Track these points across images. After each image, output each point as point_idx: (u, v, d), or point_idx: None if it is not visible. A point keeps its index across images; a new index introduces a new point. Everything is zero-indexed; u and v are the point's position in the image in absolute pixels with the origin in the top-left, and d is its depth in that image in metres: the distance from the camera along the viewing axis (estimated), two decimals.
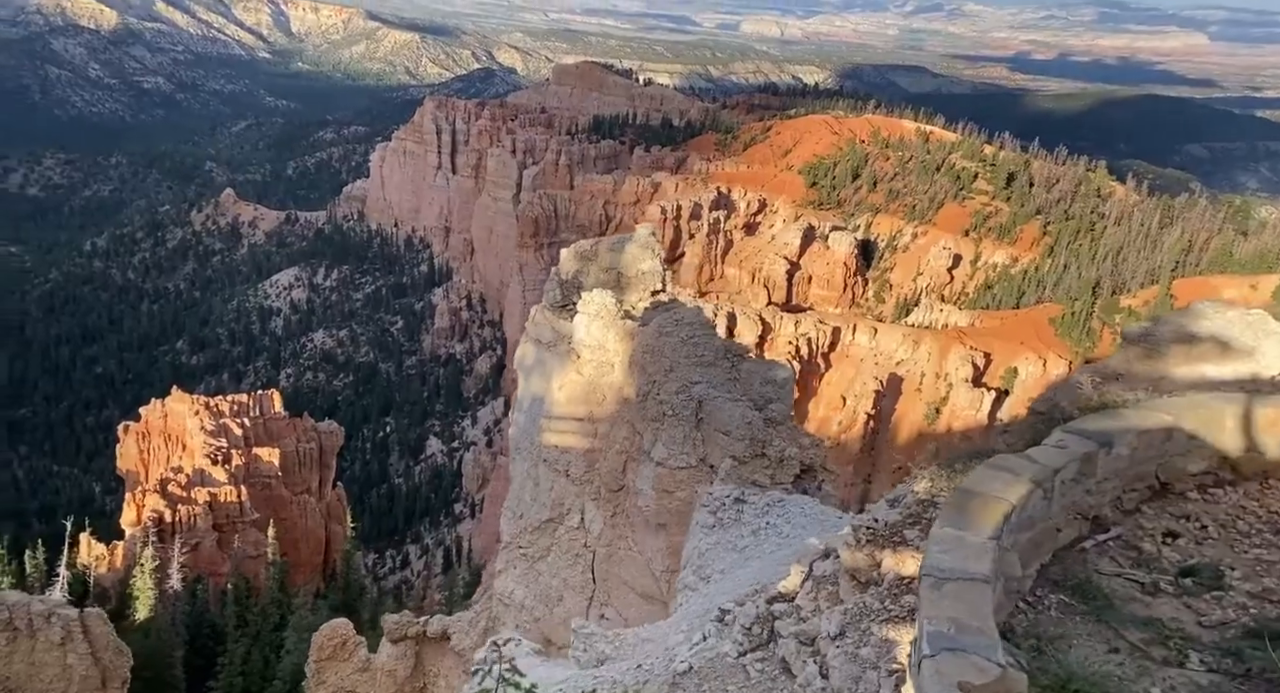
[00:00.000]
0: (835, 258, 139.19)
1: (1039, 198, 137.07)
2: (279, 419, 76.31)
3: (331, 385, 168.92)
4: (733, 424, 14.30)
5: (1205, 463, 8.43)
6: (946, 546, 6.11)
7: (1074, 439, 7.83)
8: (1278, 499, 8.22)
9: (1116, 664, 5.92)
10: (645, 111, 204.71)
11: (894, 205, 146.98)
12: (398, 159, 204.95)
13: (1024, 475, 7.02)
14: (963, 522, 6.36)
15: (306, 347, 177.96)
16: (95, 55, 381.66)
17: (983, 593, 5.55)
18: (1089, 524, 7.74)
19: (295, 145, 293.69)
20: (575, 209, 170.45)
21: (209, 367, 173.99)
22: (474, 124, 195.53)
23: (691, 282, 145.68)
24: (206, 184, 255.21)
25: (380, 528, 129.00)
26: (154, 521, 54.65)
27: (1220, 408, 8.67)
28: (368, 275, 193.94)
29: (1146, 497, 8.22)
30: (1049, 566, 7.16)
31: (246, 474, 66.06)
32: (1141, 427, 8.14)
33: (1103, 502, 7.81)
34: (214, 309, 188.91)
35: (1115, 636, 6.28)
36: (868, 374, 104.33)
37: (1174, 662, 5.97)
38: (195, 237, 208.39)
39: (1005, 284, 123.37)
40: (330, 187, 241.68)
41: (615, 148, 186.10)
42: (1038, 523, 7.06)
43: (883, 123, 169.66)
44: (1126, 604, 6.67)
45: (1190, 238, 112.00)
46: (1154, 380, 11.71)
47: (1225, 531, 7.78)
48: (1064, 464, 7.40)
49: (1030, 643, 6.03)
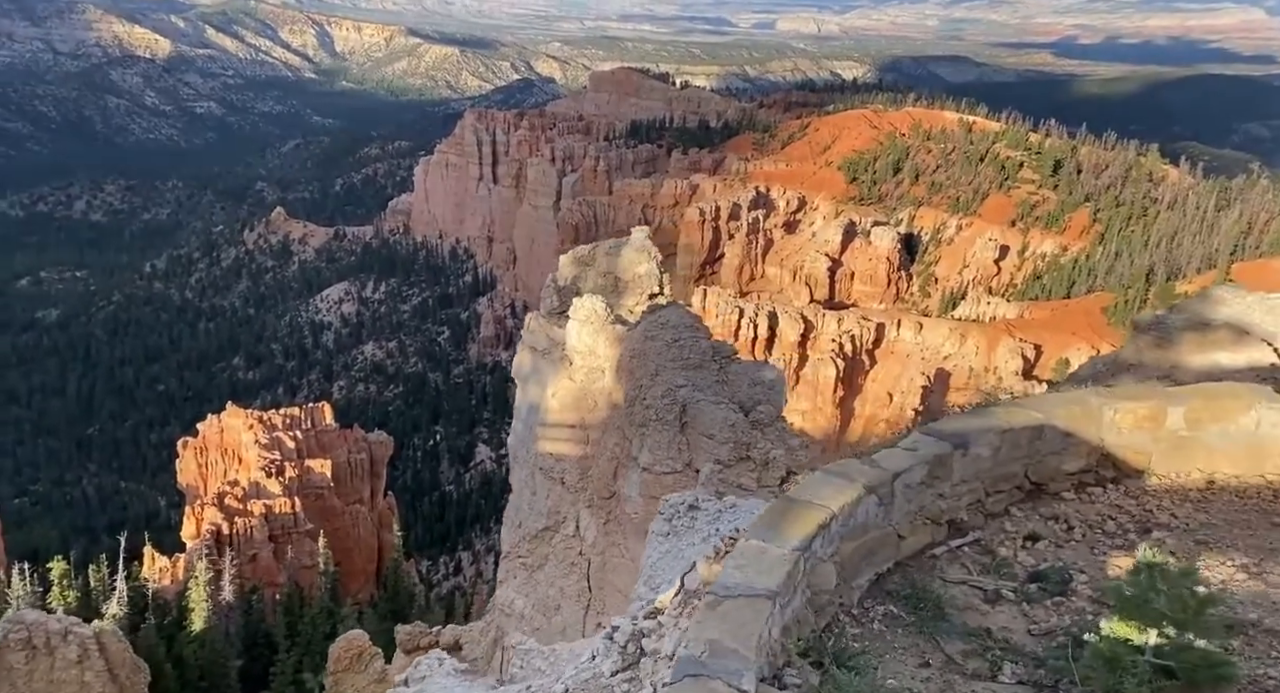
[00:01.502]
0: (878, 253, 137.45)
1: (1087, 185, 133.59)
2: (330, 431, 78.12)
3: (382, 396, 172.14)
4: (716, 427, 14.18)
5: (1083, 462, 8.09)
6: (743, 560, 5.88)
7: (927, 441, 7.55)
8: (1155, 498, 7.99)
9: (922, 681, 5.72)
10: (682, 114, 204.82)
11: (937, 198, 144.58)
12: (440, 172, 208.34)
13: (857, 481, 6.77)
14: (772, 533, 6.12)
15: (357, 359, 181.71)
16: (151, 83, 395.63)
17: (759, 611, 5.31)
18: (946, 529, 7.43)
19: (342, 162, 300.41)
20: (614, 214, 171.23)
21: (265, 382, 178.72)
22: (513, 134, 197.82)
23: (732, 282, 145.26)
24: (258, 204, 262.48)
25: (433, 535, 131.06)
26: (212, 533, 56.41)
27: (1097, 404, 8.27)
28: (414, 287, 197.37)
29: (1018, 498, 7.92)
30: (888, 575, 6.91)
31: (300, 486, 67.71)
32: (1005, 426, 7.79)
33: (959, 505, 7.49)
34: (268, 325, 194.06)
35: (934, 649, 6.07)
36: (914, 370, 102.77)
37: (986, 674, 5.79)
38: (248, 255, 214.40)
39: (1055, 274, 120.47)
40: (377, 201, 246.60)
41: (653, 152, 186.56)
42: (871, 530, 6.79)
43: (923, 115, 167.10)
44: (961, 613, 6.46)
45: (1250, 220, 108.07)
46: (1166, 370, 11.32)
47: (1091, 532, 7.57)
48: (908, 468, 7.13)
49: (842, 660, 5.81)
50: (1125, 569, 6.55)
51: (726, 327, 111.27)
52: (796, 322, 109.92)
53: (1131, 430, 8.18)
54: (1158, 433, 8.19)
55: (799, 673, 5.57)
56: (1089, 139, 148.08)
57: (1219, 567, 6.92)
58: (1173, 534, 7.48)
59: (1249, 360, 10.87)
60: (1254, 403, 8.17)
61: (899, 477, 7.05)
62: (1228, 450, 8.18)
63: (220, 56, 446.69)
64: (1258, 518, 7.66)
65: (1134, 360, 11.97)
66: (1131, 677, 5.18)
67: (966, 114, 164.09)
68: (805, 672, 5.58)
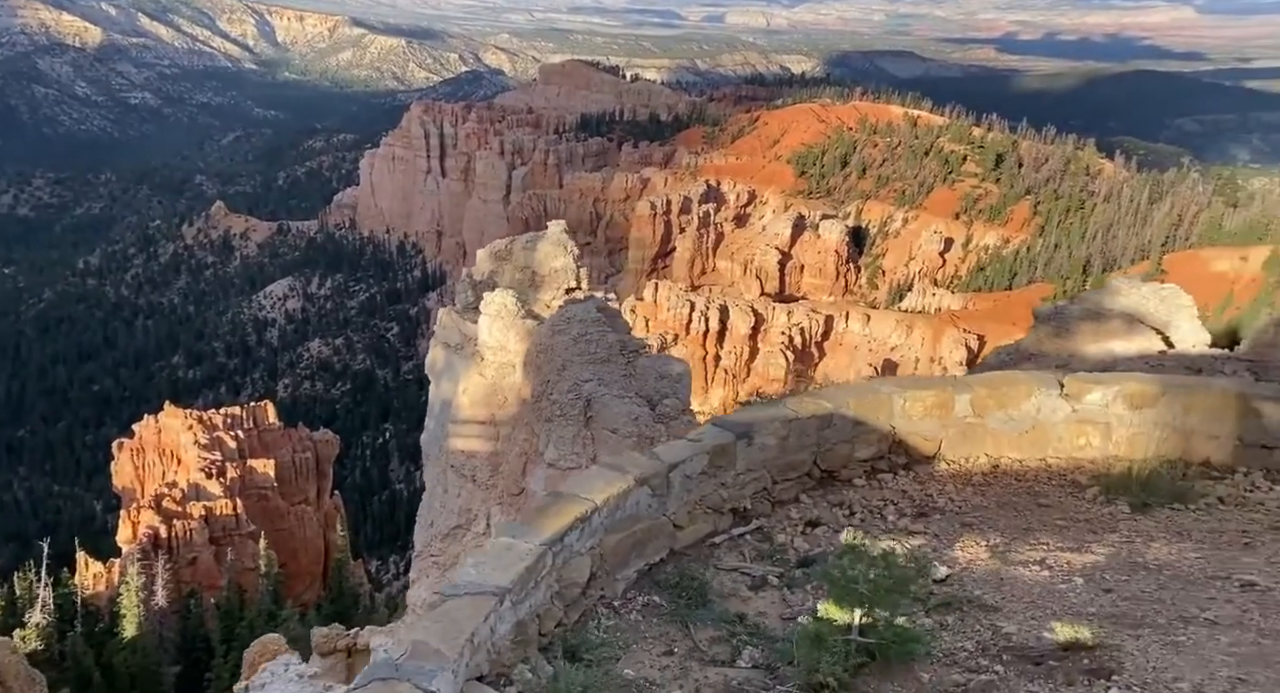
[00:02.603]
0: (826, 246, 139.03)
1: (1028, 178, 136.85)
2: (274, 430, 76.18)
3: (329, 394, 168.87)
4: (620, 422, 14.06)
5: (874, 449, 8.33)
6: (484, 557, 5.92)
7: (714, 432, 7.67)
8: (940, 483, 8.24)
9: (660, 669, 5.87)
10: (633, 108, 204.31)
11: (883, 191, 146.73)
12: (387, 165, 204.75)
13: (630, 473, 6.85)
14: (525, 529, 6.16)
15: (303, 356, 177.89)
16: (81, 73, 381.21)
17: (480, 609, 5.32)
18: (730, 518, 7.56)
19: (285, 155, 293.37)
20: (565, 208, 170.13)
21: (206, 380, 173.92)
22: (461, 127, 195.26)
23: (684, 275, 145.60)
24: (197, 198, 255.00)
25: (383, 534, 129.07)
26: (149, 537, 54.59)
27: (888, 393, 8.55)
28: (361, 283, 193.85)
29: (809, 486, 8.10)
30: (661, 565, 7.02)
31: (242, 486, 65.93)
32: (793, 415, 7.97)
33: (743, 494, 7.62)
34: (209, 323, 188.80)
35: (684, 637, 6.24)
36: (862, 361, 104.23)
37: (726, 660, 5.97)
38: (187, 251, 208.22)
39: (997, 266, 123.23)
40: (321, 195, 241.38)
41: (603, 145, 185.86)
42: (643, 521, 6.88)
43: (870, 109, 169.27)
44: (724, 601, 6.63)
45: (1180, 212, 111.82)
46: (1064, 359, 11.69)
47: (871, 517, 7.82)
48: (687, 458, 7.23)
49: (579, 653, 5.87)
50: None
51: (678, 320, 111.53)
52: (747, 315, 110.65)
53: (921, 418, 8.48)
54: (946, 420, 8.50)
55: (534, 669, 5.59)
56: (1029, 133, 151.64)
57: (972, 547, 7.22)
58: (945, 517, 7.82)
59: (1140, 348, 11.35)
60: (1034, 390, 8.58)
61: (676, 467, 7.16)
62: (1011, 436, 8.58)
63: (155, 45, 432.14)
64: (1027, 500, 8.08)
65: (1035, 350, 12.34)
66: (830, 656, 5.41)
67: (912, 108, 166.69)
68: (540, 667, 5.60)
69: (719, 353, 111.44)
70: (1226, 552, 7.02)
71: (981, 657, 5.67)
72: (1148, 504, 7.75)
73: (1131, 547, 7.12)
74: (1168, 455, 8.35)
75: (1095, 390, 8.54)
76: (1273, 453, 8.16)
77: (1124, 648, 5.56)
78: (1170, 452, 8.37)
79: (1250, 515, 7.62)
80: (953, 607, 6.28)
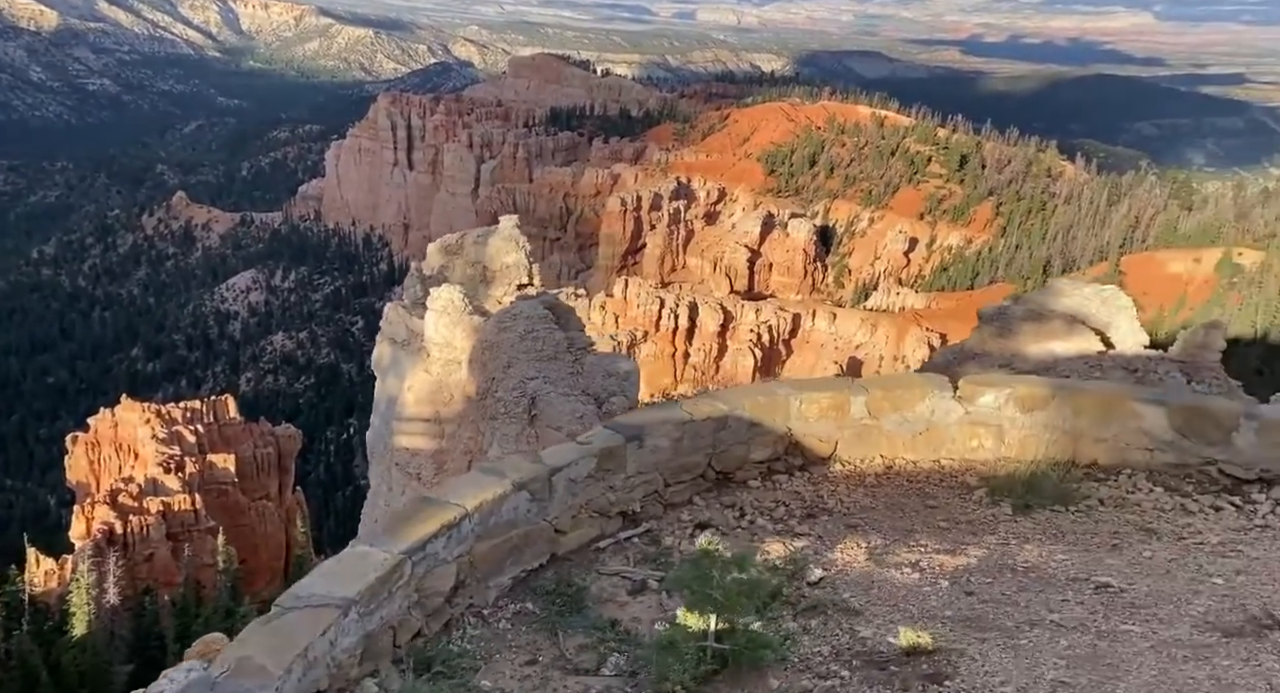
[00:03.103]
0: (795, 245, 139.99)
1: (991, 179, 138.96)
2: (235, 424, 75.05)
3: (293, 388, 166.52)
4: (564, 420, 13.93)
5: (770, 450, 8.38)
6: (335, 567, 5.75)
7: (604, 435, 7.63)
8: (834, 484, 8.37)
9: (520, 679, 5.85)
10: (603, 103, 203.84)
11: (850, 191, 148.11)
12: (353, 157, 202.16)
13: (507, 478, 6.73)
14: (385, 537, 6.00)
15: (266, 350, 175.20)
16: (36, 57, 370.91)
17: (318, 622, 5.17)
18: (620, 521, 7.52)
19: (249, 145, 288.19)
20: (535, 202, 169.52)
21: (166, 373, 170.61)
22: (430, 119, 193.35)
23: (654, 272, 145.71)
24: (158, 187, 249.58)
25: (347, 530, 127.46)
26: (104, 533, 53.55)
27: (784, 395, 8.60)
28: (326, 275, 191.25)
29: (703, 487, 8.12)
30: (540, 571, 6.92)
31: (201, 482, 64.90)
32: (687, 417, 7.96)
33: (633, 497, 7.59)
34: (169, 315, 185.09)
35: (552, 645, 6.18)
36: (828, 359, 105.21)
37: (590, 669, 5.95)
38: (147, 241, 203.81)
39: (960, 266, 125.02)
40: (286, 187, 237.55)
41: (574, 140, 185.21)
42: (520, 527, 6.80)
43: (838, 109, 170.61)
44: (600, 606, 6.60)
45: (1137, 214, 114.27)
46: (1007, 359, 11.98)
47: (761, 518, 7.88)
48: (572, 462, 7.17)
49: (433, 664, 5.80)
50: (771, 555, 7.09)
51: (648, 317, 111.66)
52: (716, 312, 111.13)
53: (817, 420, 8.59)
54: (842, 422, 8.62)
55: (381, 682, 5.49)
56: (993, 135, 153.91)
57: (852, 549, 7.30)
58: (832, 518, 7.93)
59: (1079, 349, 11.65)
60: (928, 393, 8.71)
61: (560, 471, 7.06)
62: (906, 438, 8.72)
63: (114, 31, 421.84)
64: (916, 501, 8.21)
65: (979, 350, 12.59)
66: (680, 663, 5.39)
67: (879, 109, 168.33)
68: (389, 681, 5.49)
69: (688, 350, 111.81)
70: (1094, 554, 7.10)
71: (834, 662, 5.71)
72: (1029, 506, 7.85)
73: (1005, 549, 7.21)
74: (1057, 457, 8.46)
75: (988, 393, 8.67)
76: (1154, 455, 8.32)
77: (967, 652, 5.62)
78: (1060, 454, 8.49)
79: (1126, 517, 7.76)
80: (819, 610, 6.31)
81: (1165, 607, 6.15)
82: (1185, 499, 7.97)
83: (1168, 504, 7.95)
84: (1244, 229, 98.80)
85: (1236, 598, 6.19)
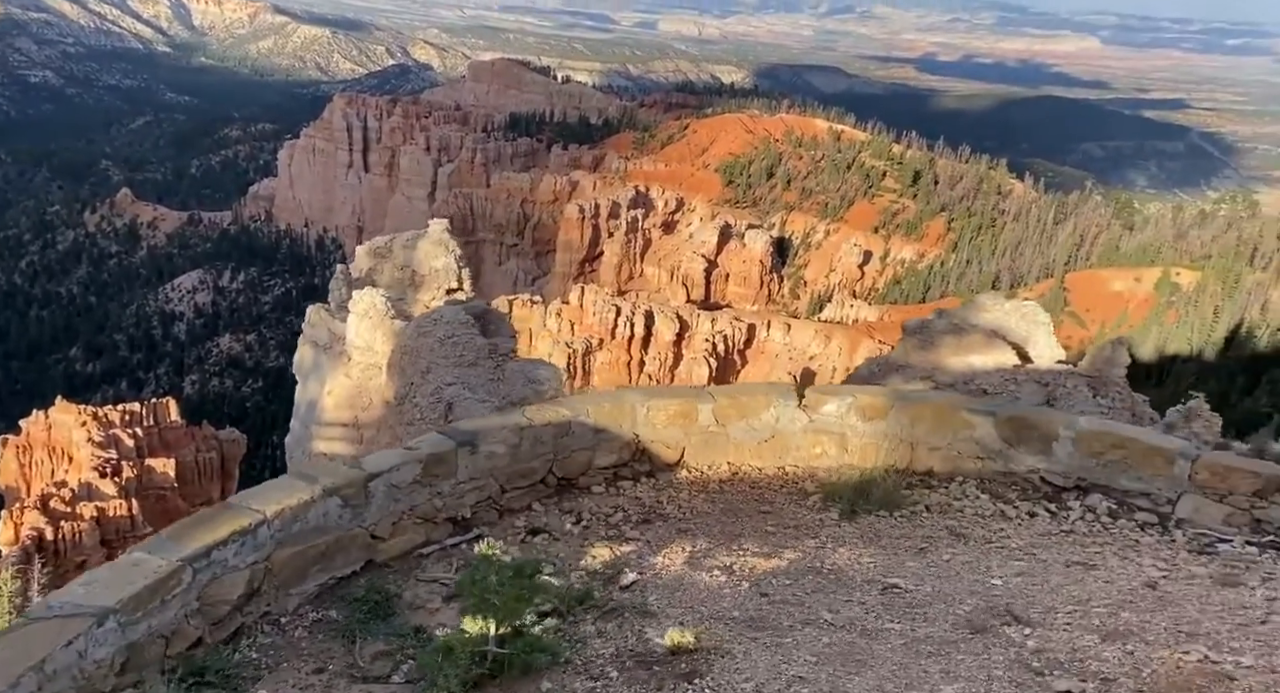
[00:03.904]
0: (751, 255, 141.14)
1: (943, 195, 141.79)
2: (176, 428, 73.11)
3: (240, 392, 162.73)
4: None
5: (615, 456, 8.47)
6: (100, 575, 5.60)
7: (434, 440, 7.59)
8: (677, 490, 8.48)
9: (302, 689, 5.80)
10: (563, 109, 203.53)
11: (807, 203, 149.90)
12: (307, 157, 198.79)
13: (318, 483, 6.64)
14: (168, 543, 5.87)
15: (212, 352, 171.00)
16: None
17: (61, 632, 5.01)
18: (450, 527, 7.48)
19: (199, 143, 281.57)
20: (492, 208, 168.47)
21: (106, 375, 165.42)
22: (386, 121, 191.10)
23: (611, 280, 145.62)
24: (101, 184, 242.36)
25: None
26: (33, 539, 51.56)
27: (631, 402, 8.67)
28: (277, 277, 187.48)
29: (545, 494, 8.13)
30: (353, 578, 6.84)
31: (139, 487, 62.98)
32: (526, 423, 8.00)
33: (463, 503, 7.56)
34: (111, 315, 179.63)
35: (346, 653, 6.13)
36: (782, 370, 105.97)
37: (380, 677, 5.94)
38: (89, 239, 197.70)
39: (912, 279, 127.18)
40: (236, 186, 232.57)
41: (533, 146, 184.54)
42: (331, 533, 6.71)
43: (796, 122, 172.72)
44: (411, 613, 6.58)
45: (1082, 233, 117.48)
46: (929, 371, 12.24)
47: (596, 524, 7.95)
48: (393, 467, 7.10)
49: (211, 676, 5.73)
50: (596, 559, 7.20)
51: (604, 325, 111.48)
52: (672, 321, 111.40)
53: (665, 426, 8.73)
54: (690, 429, 8.78)
55: None
56: (946, 152, 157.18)
57: (676, 553, 7.42)
58: (667, 523, 8.05)
59: (997, 362, 12.02)
60: (773, 401, 8.94)
61: (379, 477, 6.98)
62: (752, 445, 8.93)
63: (58, 22, 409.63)
64: (753, 506, 8.41)
65: (903, 362, 12.88)
66: (450, 668, 5.43)
67: (836, 123, 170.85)
68: (154, 690, 5.38)
69: (643, 359, 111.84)
70: (899, 557, 7.30)
71: (610, 664, 5.80)
72: (856, 512, 8.08)
73: (820, 552, 7.39)
74: (895, 465, 8.74)
75: (831, 402, 8.96)
76: (984, 463, 8.61)
77: (731, 651, 5.75)
78: (898, 461, 8.78)
79: (944, 522, 8.01)
80: (618, 613, 6.39)
81: (937, 606, 6.28)
82: (1006, 506, 8.27)
83: (988, 510, 8.23)
84: (1182, 250, 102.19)
85: (1003, 597, 6.37)
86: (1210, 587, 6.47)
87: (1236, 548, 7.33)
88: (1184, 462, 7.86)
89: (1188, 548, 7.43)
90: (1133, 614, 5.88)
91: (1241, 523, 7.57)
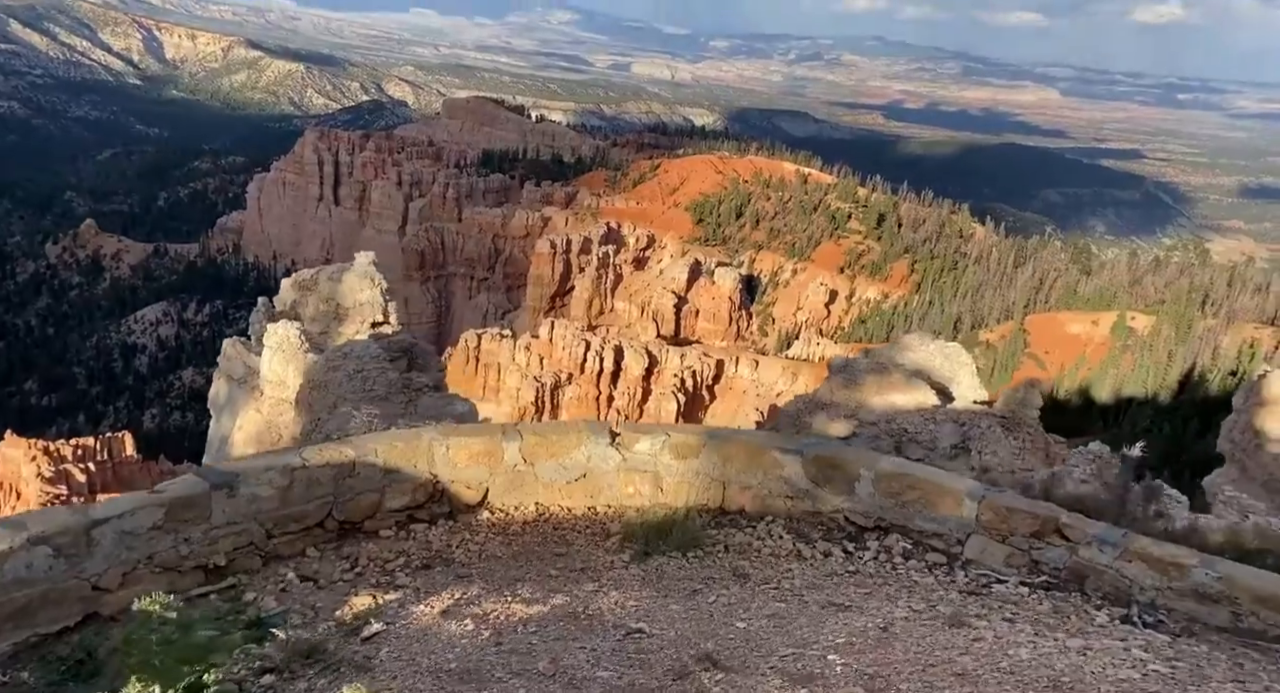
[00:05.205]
0: (721, 293, 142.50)
1: (907, 238, 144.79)
2: (131, 463, 71.61)
3: (201, 426, 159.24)
4: None
5: (408, 498, 8.09)
6: None
7: (186, 482, 7.19)
8: (474, 532, 8.11)
9: None
10: (537, 147, 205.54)
11: (775, 243, 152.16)
12: (277, 190, 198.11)
13: (25, 531, 6.19)
14: None
15: (174, 385, 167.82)
16: None
17: None
18: (201, 576, 7.02)
19: (167, 175, 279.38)
20: (463, 242, 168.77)
21: (63, 408, 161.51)
22: (358, 156, 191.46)
23: (581, 315, 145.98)
24: (65, 215, 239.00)
25: None
26: None
27: (428, 440, 8.30)
28: (243, 310, 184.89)
29: (324, 538, 7.68)
30: (66, 633, 6.30)
31: None
32: (298, 464, 7.57)
33: (216, 550, 7.09)
34: (70, 346, 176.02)
35: None
36: (749, 406, 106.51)
37: None
38: (50, 270, 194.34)
39: (877, 319, 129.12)
40: (205, 218, 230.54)
41: (505, 182, 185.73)
42: (38, 585, 6.20)
43: (764, 164, 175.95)
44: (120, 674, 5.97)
45: (1041, 276, 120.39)
46: (853, 409, 12.52)
47: (369, 571, 7.55)
48: (124, 513, 6.62)
49: None
50: (351, 610, 6.70)
51: (574, 359, 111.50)
52: (641, 356, 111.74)
53: (467, 466, 8.36)
54: (495, 468, 8.44)
55: None
56: (909, 196, 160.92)
57: (441, 601, 6.96)
58: (449, 568, 7.56)
59: (917, 402, 12.21)
60: (584, 439, 8.67)
61: (106, 523, 6.48)
62: (562, 484, 8.64)
63: (26, 53, 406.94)
64: (549, 549, 8.01)
65: (828, 399, 13.05)
66: None
67: (803, 166, 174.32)
68: None
69: (612, 394, 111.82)
70: (665, 600, 6.98)
71: None
72: (649, 553, 7.76)
73: (591, 597, 7.00)
74: (709, 504, 8.57)
75: (644, 441, 8.72)
76: (793, 503, 8.54)
77: None
78: (711, 501, 8.63)
79: (736, 562, 7.76)
80: (334, 669, 5.87)
81: (666, 652, 6.03)
82: (805, 545, 8.09)
83: (785, 550, 8.01)
84: (1137, 294, 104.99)
85: (737, 642, 6.11)
86: (938, 628, 6.27)
87: (1010, 588, 7.24)
88: (971, 502, 7.81)
89: (963, 589, 7.26)
90: (840, 657, 5.78)
91: (1020, 563, 7.53)
